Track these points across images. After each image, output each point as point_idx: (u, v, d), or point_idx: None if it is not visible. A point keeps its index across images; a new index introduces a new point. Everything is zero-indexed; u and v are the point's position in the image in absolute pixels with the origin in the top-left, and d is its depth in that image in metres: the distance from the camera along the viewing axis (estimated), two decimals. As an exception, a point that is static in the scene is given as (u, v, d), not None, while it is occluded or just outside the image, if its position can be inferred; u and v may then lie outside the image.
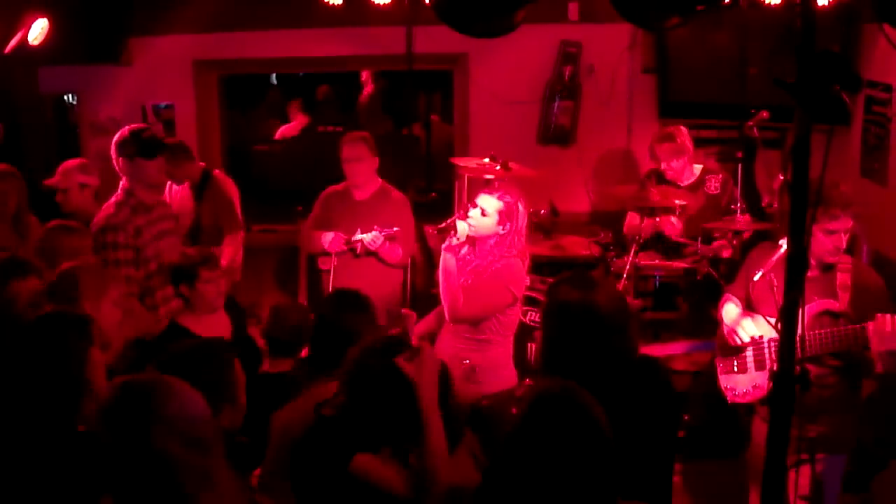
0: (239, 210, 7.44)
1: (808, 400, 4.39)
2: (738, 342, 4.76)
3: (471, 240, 5.23)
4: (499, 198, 5.21)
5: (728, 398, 4.91)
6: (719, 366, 4.96)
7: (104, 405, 2.39)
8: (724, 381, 4.92)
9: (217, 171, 7.60)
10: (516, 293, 5.15)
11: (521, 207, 5.21)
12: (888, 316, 4.30)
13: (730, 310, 4.94)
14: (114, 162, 5.72)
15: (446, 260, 5.14)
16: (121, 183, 5.72)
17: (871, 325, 4.33)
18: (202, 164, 7.58)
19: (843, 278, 4.59)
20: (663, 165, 7.02)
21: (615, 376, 3.40)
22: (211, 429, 2.45)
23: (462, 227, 5.17)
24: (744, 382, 4.82)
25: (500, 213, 5.17)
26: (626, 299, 3.65)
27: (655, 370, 3.87)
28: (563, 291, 3.62)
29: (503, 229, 5.15)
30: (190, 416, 2.39)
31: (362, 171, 6.67)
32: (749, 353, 4.80)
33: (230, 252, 7.19)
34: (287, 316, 5.07)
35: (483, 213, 5.19)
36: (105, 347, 3.71)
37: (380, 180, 6.81)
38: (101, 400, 2.42)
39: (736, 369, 4.85)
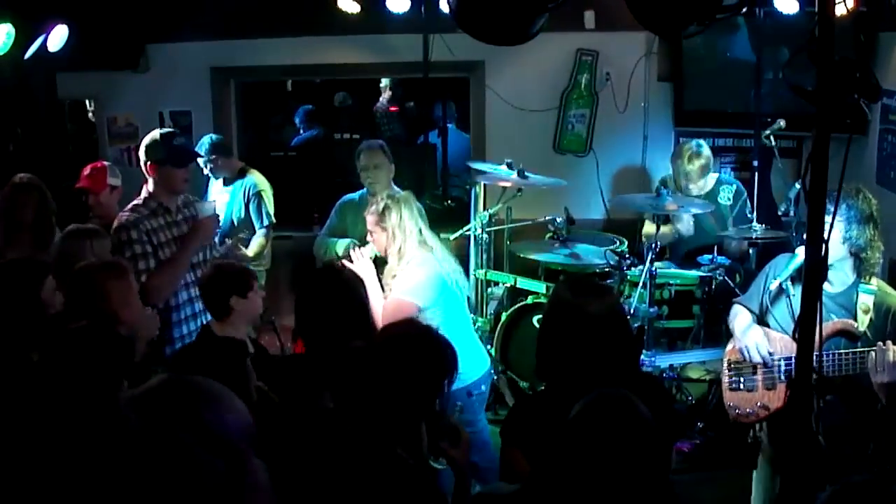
0: (271, 207, 7.59)
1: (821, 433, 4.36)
2: (749, 358, 4.72)
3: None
4: (367, 210, 5.50)
5: (730, 416, 4.85)
6: (725, 381, 4.87)
7: (142, 398, 2.37)
8: (730, 398, 4.83)
9: (253, 169, 7.77)
10: (418, 301, 5.19)
11: (391, 204, 5.35)
12: (892, 345, 4.21)
13: (741, 322, 4.90)
14: (141, 164, 5.69)
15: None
16: (144, 185, 5.70)
17: (872, 354, 4.25)
18: (240, 162, 7.82)
19: (865, 299, 4.50)
20: (692, 186, 7.00)
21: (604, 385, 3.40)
22: (247, 441, 2.42)
23: (362, 252, 5.48)
24: (751, 402, 4.75)
25: (374, 220, 5.39)
26: (624, 314, 3.65)
27: (654, 387, 3.87)
28: (559, 292, 3.65)
29: (388, 233, 5.31)
30: (227, 424, 2.36)
31: (380, 178, 6.69)
32: (759, 371, 4.75)
33: (260, 244, 7.47)
34: None
35: (370, 234, 5.46)
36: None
37: (396, 188, 6.84)
38: (138, 392, 2.40)
39: (743, 387, 4.81)
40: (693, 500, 5.67)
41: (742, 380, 4.78)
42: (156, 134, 5.69)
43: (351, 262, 5.45)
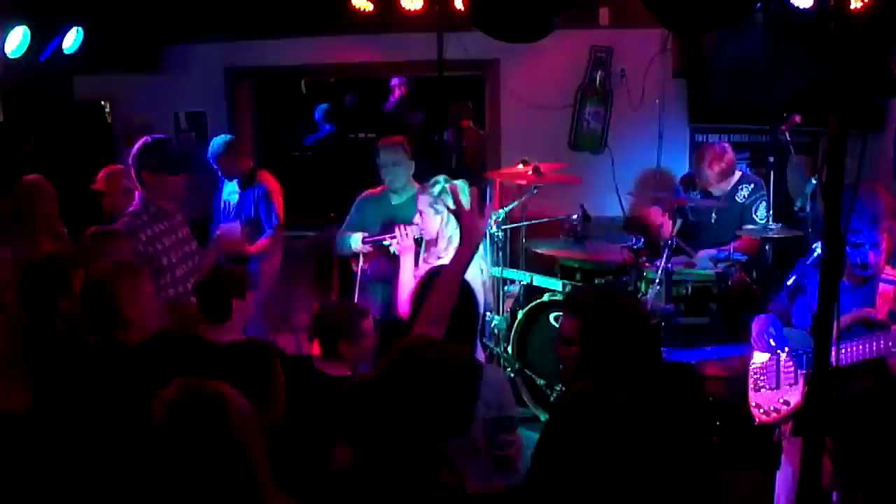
0: (280, 208, 7.63)
1: (841, 426, 4.37)
2: (769, 349, 4.71)
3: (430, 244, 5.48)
4: (420, 191, 5.51)
5: (755, 418, 4.84)
6: (751, 384, 4.87)
7: (176, 405, 2.37)
8: (754, 398, 4.83)
9: (264, 170, 7.83)
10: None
11: (450, 189, 5.30)
12: None
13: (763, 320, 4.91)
14: (132, 171, 5.67)
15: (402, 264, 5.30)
16: (137, 192, 5.68)
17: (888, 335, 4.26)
18: (251, 163, 7.87)
19: (885, 289, 4.49)
20: (712, 189, 6.99)
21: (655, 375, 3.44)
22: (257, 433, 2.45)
23: (407, 231, 5.43)
24: (773, 399, 4.74)
25: (430, 200, 5.44)
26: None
27: (686, 378, 3.87)
28: (615, 300, 3.68)
29: (442, 217, 5.34)
30: (252, 411, 2.39)
31: (400, 175, 6.71)
32: (781, 367, 4.74)
33: (265, 243, 7.49)
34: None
35: (421, 215, 5.40)
36: None
37: (416, 184, 6.86)
38: (168, 401, 2.41)
39: (766, 385, 4.79)
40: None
41: (766, 377, 4.77)
42: (148, 140, 5.64)
43: (394, 238, 5.43)
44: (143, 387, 3.17)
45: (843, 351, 4.33)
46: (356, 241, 6.58)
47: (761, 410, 4.78)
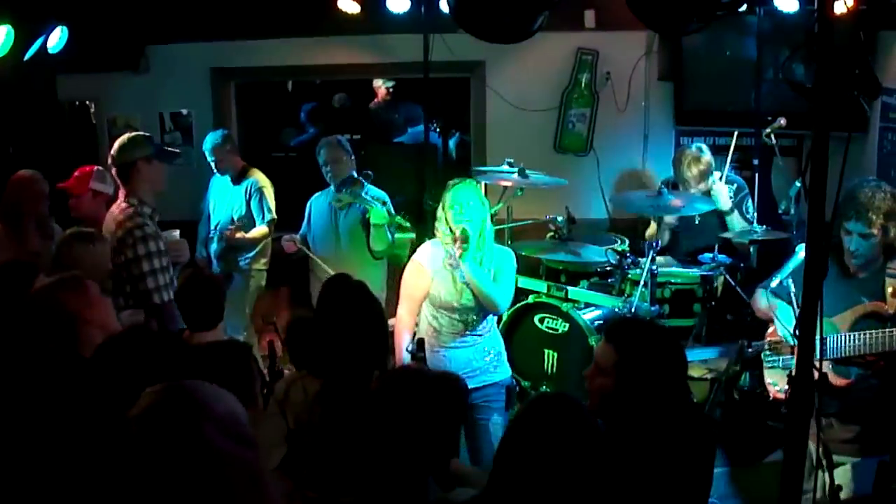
0: (272, 202, 7.81)
1: (848, 400, 4.51)
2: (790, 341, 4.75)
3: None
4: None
5: (770, 394, 4.91)
6: (766, 360, 4.95)
7: (150, 407, 2.35)
8: (769, 375, 4.91)
9: (254, 168, 7.99)
10: None
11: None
12: None
13: (771, 302, 4.92)
14: (119, 166, 5.55)
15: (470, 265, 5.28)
16: (122, 192, 5.57)
17: None
18: (242, 161, 8.00)
19: (893, 282, 4.54)
20: (692, 190, 6.99)
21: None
22: (250, 430, 2.43)
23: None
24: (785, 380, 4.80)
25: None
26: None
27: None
28: (658, 336, 3.72)
29: (485, 221, 5.41)
30: (236, 414, 2.37)
31: (341, 171, 7.08)
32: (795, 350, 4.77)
33: (262, 229, 7.73)
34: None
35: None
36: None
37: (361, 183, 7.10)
38: (144, 403, 2.39)
39: (781, 366, 4.85)
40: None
41: (780, 360, 4.84)
42: (134, 134, 5.66)
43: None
44: (118, 389, 3.15)
45: (852, 341, 4.43)
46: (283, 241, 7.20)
47: (776, 388, 4.84)
